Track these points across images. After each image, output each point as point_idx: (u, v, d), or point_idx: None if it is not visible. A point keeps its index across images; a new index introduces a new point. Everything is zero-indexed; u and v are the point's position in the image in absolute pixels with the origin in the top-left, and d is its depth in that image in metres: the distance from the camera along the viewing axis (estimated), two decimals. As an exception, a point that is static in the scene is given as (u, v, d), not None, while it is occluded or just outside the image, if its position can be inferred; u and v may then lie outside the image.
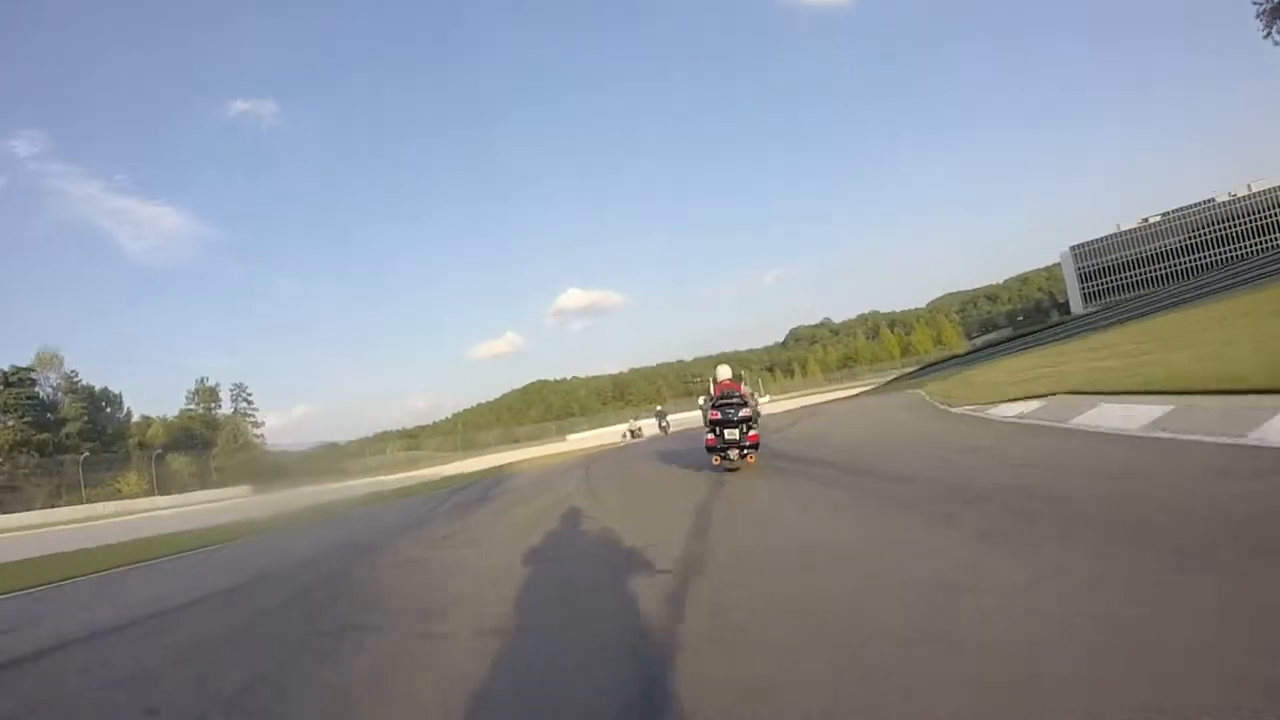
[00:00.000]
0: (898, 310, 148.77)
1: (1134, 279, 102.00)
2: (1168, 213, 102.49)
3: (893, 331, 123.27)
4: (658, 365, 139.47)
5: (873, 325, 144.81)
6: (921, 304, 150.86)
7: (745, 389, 9.44)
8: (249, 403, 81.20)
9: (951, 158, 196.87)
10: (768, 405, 71.91)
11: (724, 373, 9.68)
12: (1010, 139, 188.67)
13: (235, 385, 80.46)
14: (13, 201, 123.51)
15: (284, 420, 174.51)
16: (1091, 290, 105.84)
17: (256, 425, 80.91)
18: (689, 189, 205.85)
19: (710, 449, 9.16)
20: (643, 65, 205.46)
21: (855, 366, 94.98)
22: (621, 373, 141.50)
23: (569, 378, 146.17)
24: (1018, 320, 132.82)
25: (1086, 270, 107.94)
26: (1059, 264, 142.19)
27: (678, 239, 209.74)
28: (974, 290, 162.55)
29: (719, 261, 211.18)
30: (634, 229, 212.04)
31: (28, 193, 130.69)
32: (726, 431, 8.89)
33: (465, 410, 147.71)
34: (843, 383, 79.63)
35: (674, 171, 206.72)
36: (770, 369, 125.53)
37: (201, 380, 78.25)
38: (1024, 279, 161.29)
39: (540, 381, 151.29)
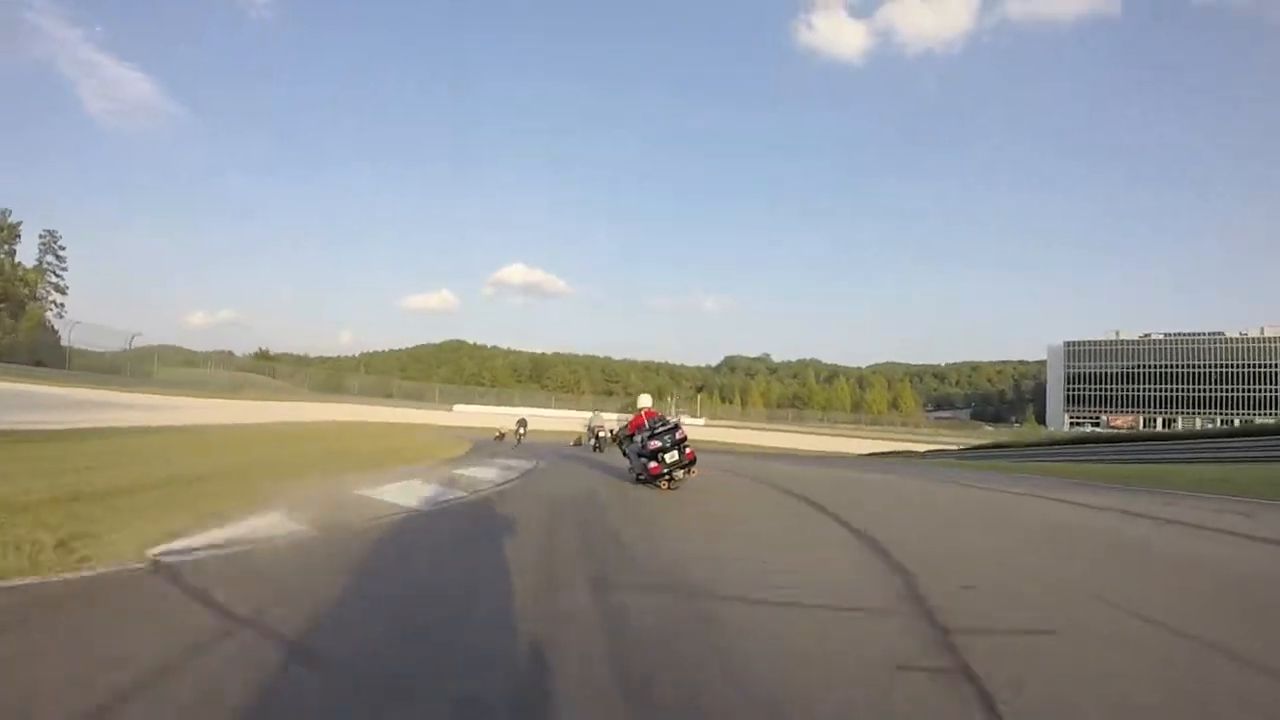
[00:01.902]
0: (839, 363, 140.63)
1: (1125, 393, 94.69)
2: (1172, 334, 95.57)
3: (846, 383, 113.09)
4: (583, 355, 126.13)
5: (815, 372, 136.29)
6: (862, 364, 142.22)
7: (672, 418, 10.05)
8: (58, 258, 59.63)
9: (921, 228, 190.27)
10: (701, 430, 56.41)
11: (646, 401, 10.15)
12: (988, 223, 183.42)
13: (46, 232, 59.10)
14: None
15: (169, 319, 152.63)
16: (1077, 394, 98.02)
17: (58, 291, 59.68)
18: (650, 199, 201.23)
19: (656, 476, 9.14)
20: (640, 70, 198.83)
21: (804, 409, 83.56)
22: (544, 354, 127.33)
23: (489, 345, 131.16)
24: (972, 406, 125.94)
25: (1077, 371, 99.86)
26: (1016, 359, 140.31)
27: (630, 244, 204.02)
28: (918, 364, 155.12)
29: (664, 275, 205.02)
30: (590, 224, 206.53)
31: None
32: (668, 455, 9.03)
33: (373, 353, 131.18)
34: (789, 425, 68.19)
35: (639, 178, 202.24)
36: (700, 388, 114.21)
37: (4, 213, 55.55)
38: (974, 366, 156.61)
39: (458, 341, 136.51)
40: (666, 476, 9.15)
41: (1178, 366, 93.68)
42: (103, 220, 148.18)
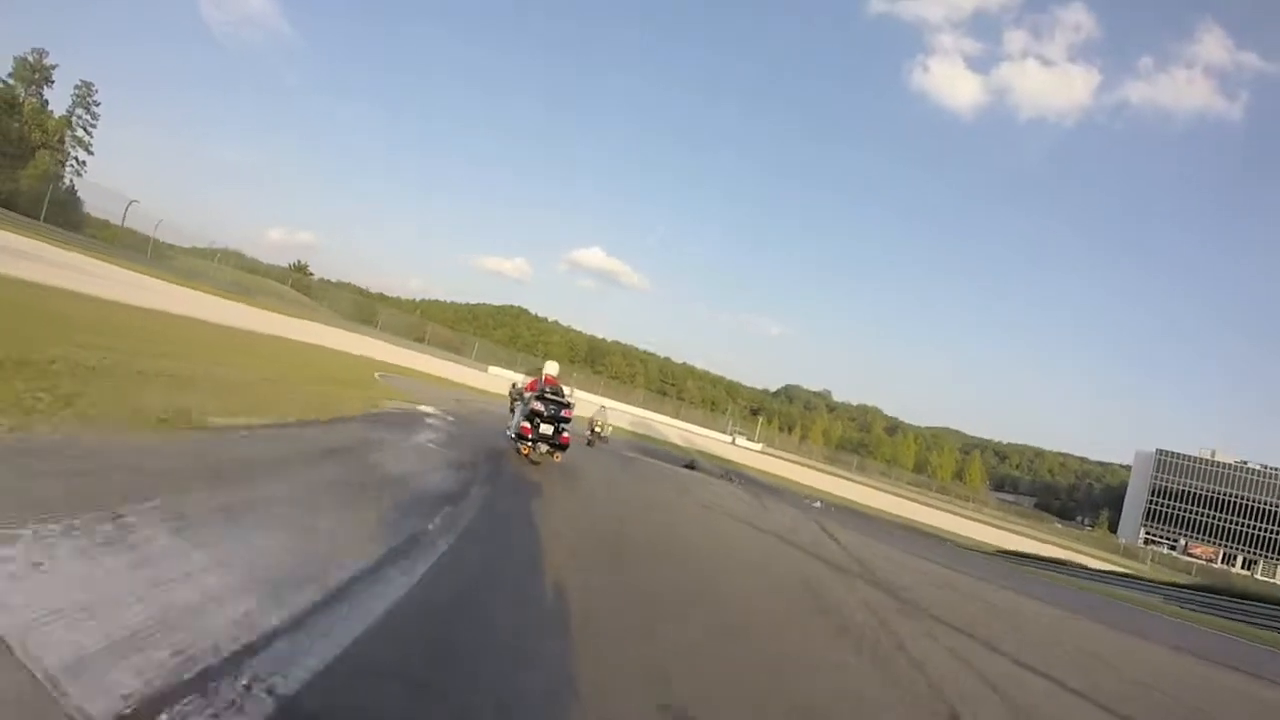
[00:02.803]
0: (899, 417, 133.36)
1: (1210, 521, 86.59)
2: (1272, 468, 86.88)
3: (914, 440, 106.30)
4: (643, 350, 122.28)
5: (875, 420, 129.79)
6: (920, 422, 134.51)
7: (568, 391, 9.92)
8: (90, 113, 54.18)
9: (1006, 297, 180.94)
10: (755, 456, 51.76)
11: (552, 368, 9.98)
12: (1081, 306, 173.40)
13: (81, 83, 53.99)
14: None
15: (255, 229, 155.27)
16: (1159, 509, 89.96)
17: (82, 146, 54.48)
18: (735, 216, 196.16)
19: (521, 437, 9.21)
20: (746, 89, 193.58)
21: (866, 458, 78.14)
22: (603, 339, 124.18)
23: (550, 319, 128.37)
24: (1035, 496, 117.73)
25: (1164, 485, 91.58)
26: (1081, 454, 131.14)
27: (707, 255, 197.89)
28: (977, 437, 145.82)
29: (735, 291, 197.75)
30: (674, 227, 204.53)
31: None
32: (544, 426, 9.13)
33: (433, 301, 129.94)
34: (850, 471, 63.40)
35: (729, 194, 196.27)
36: (757, 411, 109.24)
37: (36, 52, 50.81)
38: (1037, 452, 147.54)
39: (518, 308, 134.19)
40: (530, 442, 9.21)
41: (1272, 504, 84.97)
42: (191, 120, 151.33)
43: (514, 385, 10.73)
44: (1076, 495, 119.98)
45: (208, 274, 43.80)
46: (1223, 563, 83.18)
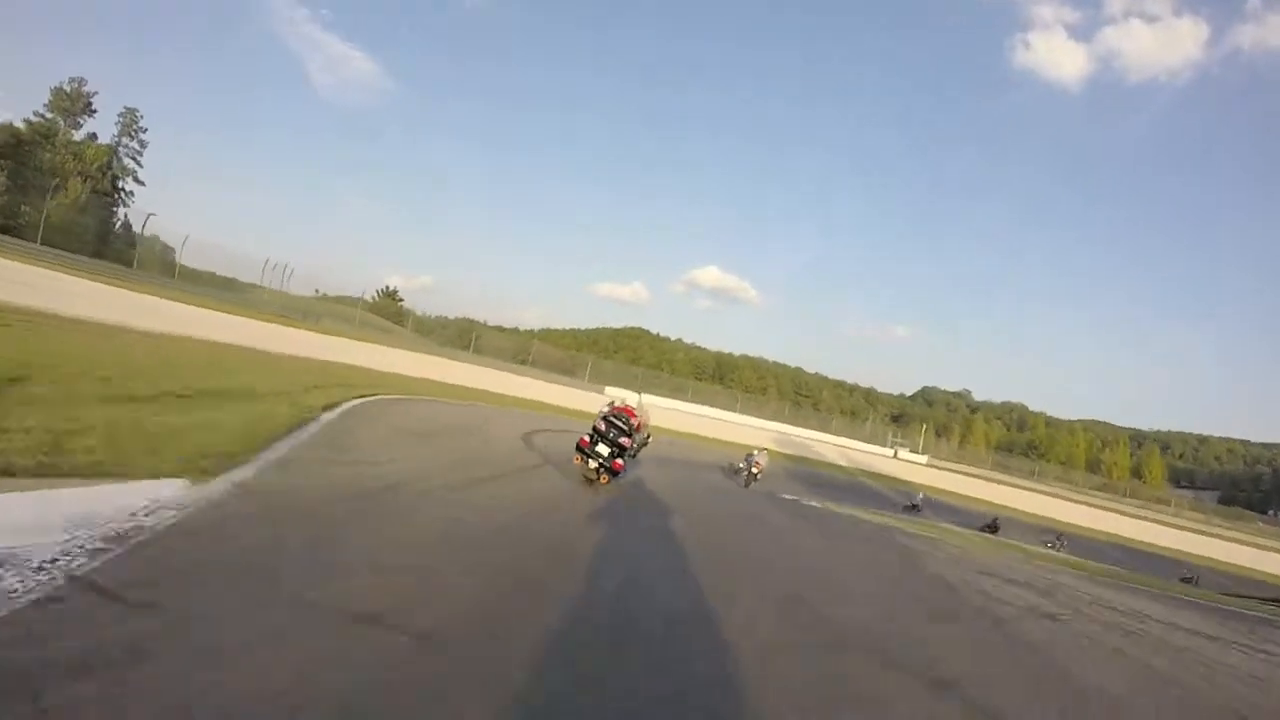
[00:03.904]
0: (1045, 412, 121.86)
1: None
2: None
3: (1083, 435, 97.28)
4: (773, 361, 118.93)
5: (1022, 417, 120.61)
6: (1066, 415, 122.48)
7: (638, 422, 10.34)
8: (136, 139, 52.09)
9: (1150, 279, 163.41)
10: (923, 470, 48.21)
11: (631, 400, 12.02)
12: (1236, 281, 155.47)
13: (125, 110, 52.41)
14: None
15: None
16: None
17: (129, 176, 52.52)
18: (850, 220, 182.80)
19: (579, 448, 9.87)
20: (852, 90, 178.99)
21: (1036, 460, 72.14)
22: (730, 354, 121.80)
23: (673, 338, 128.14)
24: (1219, 490, 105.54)
25: None
26: (1241, 437, 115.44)
27: (825, 262, 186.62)
28: (1129, 427, 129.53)
29: (857, 297, 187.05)
30: (787, 238, 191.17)
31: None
32: (600, 445, 9.65)
33: (551, 329, 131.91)
34: (1022, 477, 58.44)
35: (844, 196, 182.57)
36: (898, 417, 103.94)
37: (74, 81, 49.16)
38: (1201, 439, 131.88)
39: (639, 329, 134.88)
40: (584, 455, 9.85)
41: None
42: (310, 179, 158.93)
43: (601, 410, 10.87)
44: (1262, 485, 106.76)
45: (293, 307, 41.74)
46: None
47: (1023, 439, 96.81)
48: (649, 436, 14.21)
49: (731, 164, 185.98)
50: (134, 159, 53.69)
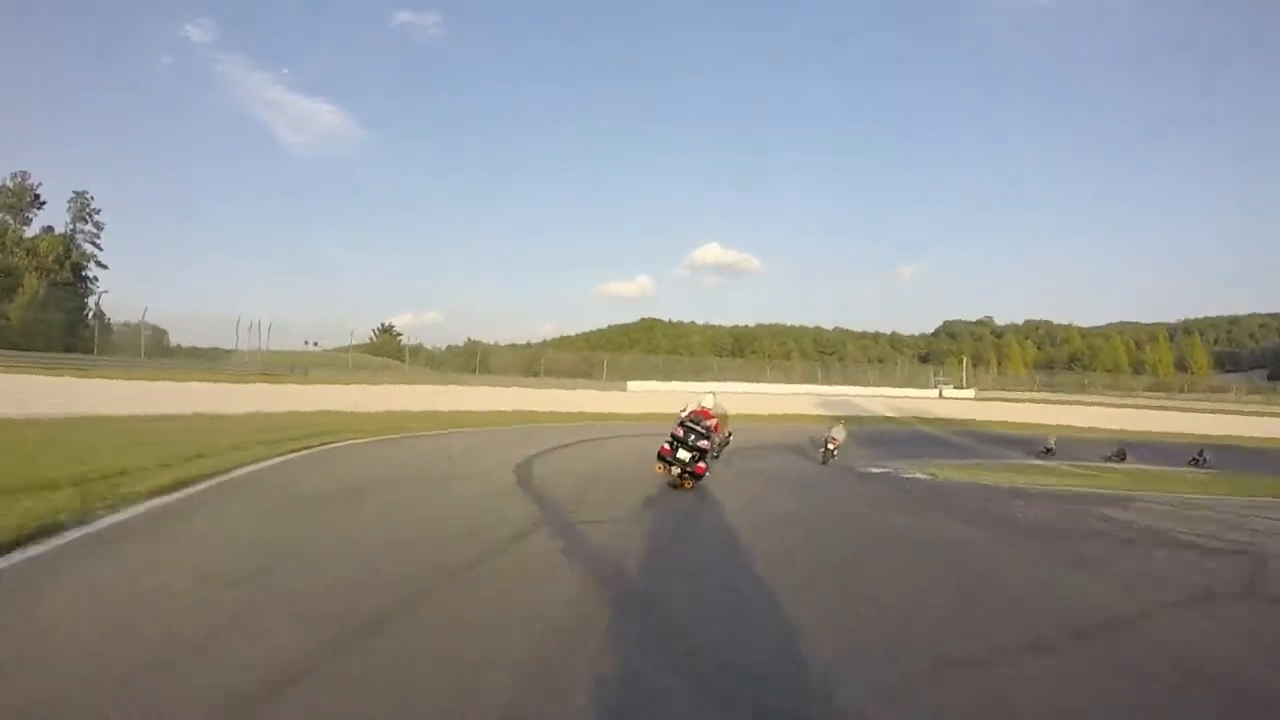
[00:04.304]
0: (1072, 323, 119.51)
1: None
2: None
3: (1123, 342, 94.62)
4: (791, 325, 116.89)
5: (1050, 334, 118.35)
6: (1090, 324, 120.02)
7: (715, 423, 10.40)
8: (90, 222, 50.90)
9: (1151, 167, 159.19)
10: (972, 406, 46.69)
11: (707, 401, 10.65)
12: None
13: (75, 194, 50.86)
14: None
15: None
16: None
17: (91, 260, 51.03)
18: (841, 175, 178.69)
19: (660, 457, 9.88)
20: (828, 21, 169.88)
21: (1082, 372, 70.16)
22: (746, 326, 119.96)
23: (686, 321, 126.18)
24: (1265, 367, 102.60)
25: None
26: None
27: (823, 218, 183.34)
28: (1155, 324, 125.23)
29: (860, 246, 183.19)
30: (782, 202, 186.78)
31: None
32: (680, 451, 9.62)
33: (564, 337, 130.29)
34: (1071, 393, 56.64)
35: (832, 152, 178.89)
36: (925, 357, 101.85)
37: (17, 176, 48.11)
38: (1232, 320, 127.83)
39: (650, 319, 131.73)
40: (666, 463, 9.81)
41: None
42: (294, 237, 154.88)
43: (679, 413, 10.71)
44: None
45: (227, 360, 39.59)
46: None
47: (1061, 354, 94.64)
48: (730, 434, 13.40)
49: (712, 139, 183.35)
50: (92, 243, 52.36)
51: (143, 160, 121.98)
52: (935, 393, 56.01)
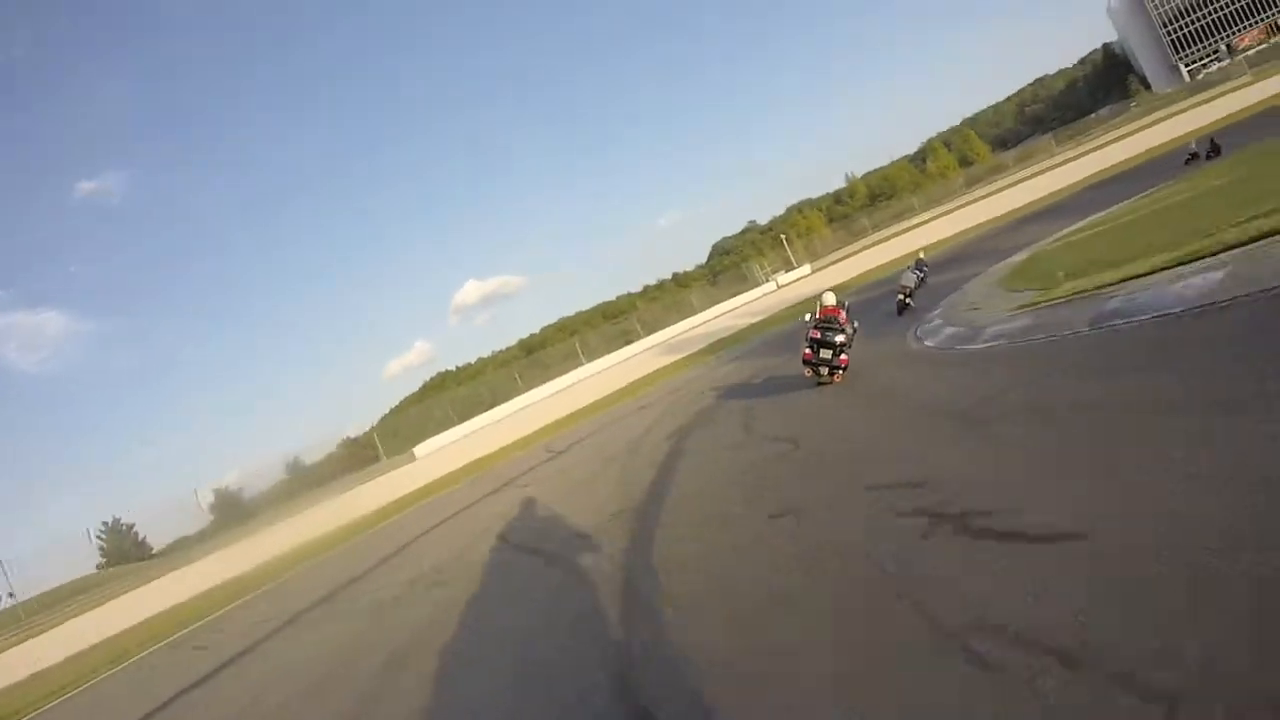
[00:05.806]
0: (854, 175, 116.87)
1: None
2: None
3: (941, 150, 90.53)
4: (575, 314, 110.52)
5: (833, 200, 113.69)
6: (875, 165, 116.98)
7: (844, 316, 10.50)
8: None
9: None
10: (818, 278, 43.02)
11: (829, 299, 10.87)
12: None
13: None
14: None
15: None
16: (1183, 33, 75.31)
17: None
18: (560, 149, 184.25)
19: (805, 362, 10.39)
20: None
21: (914, 195, 62.73)
22: (532, 334, 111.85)
23: (473, 361, 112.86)
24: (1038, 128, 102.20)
25: (1170, 8, 76.45)
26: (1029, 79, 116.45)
27: (562, 205, 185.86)
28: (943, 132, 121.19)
29: (611, 213, 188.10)
30: (520, 204, 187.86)
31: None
32: (821, 350, 10.07)
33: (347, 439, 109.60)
34: (927, 212, 48.67)
35: (539, 134, 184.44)
36: (714, 283, 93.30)
37: None
38: (996, 108, 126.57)
39: (440, 374, 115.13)
40: (814, 366, 10.35)
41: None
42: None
43: (804, 318, 10.96)
44: (1068, 102, 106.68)
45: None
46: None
47: (856, 206, 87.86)
48: (857, 325, 11.72)
49: (428, 178, 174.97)
50: None
51: None
52: (771, 286, 48.15)
